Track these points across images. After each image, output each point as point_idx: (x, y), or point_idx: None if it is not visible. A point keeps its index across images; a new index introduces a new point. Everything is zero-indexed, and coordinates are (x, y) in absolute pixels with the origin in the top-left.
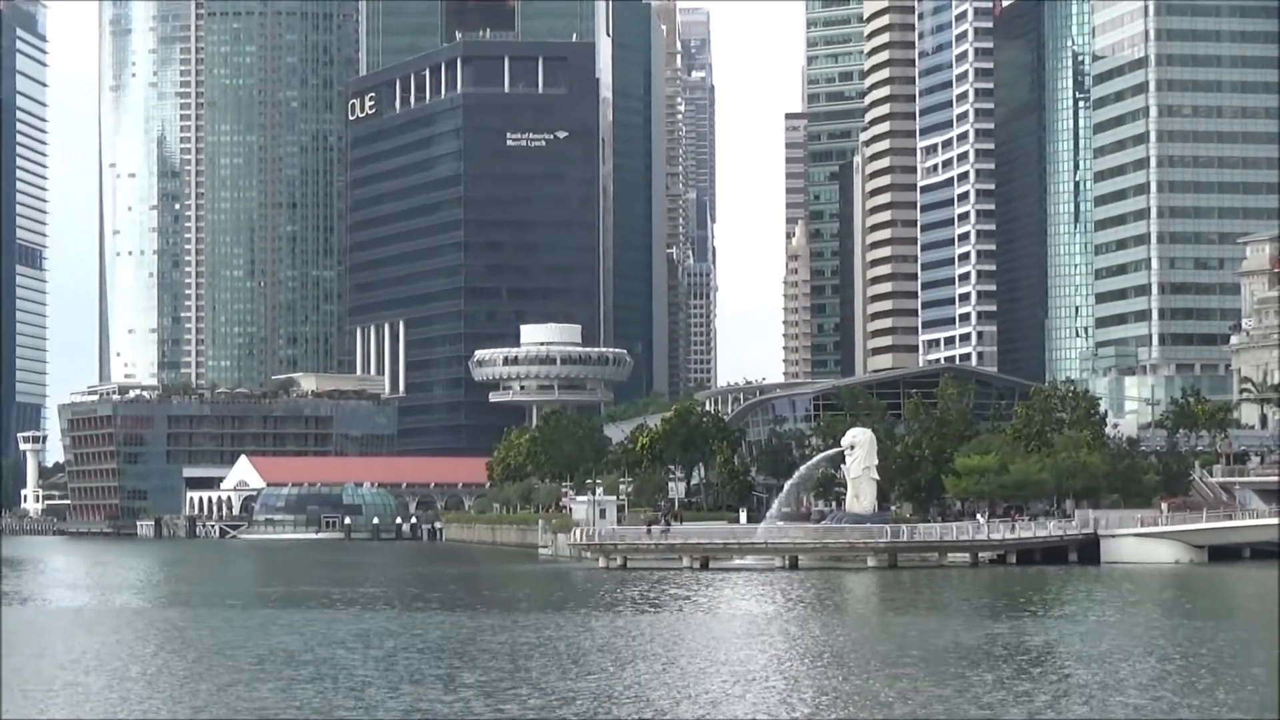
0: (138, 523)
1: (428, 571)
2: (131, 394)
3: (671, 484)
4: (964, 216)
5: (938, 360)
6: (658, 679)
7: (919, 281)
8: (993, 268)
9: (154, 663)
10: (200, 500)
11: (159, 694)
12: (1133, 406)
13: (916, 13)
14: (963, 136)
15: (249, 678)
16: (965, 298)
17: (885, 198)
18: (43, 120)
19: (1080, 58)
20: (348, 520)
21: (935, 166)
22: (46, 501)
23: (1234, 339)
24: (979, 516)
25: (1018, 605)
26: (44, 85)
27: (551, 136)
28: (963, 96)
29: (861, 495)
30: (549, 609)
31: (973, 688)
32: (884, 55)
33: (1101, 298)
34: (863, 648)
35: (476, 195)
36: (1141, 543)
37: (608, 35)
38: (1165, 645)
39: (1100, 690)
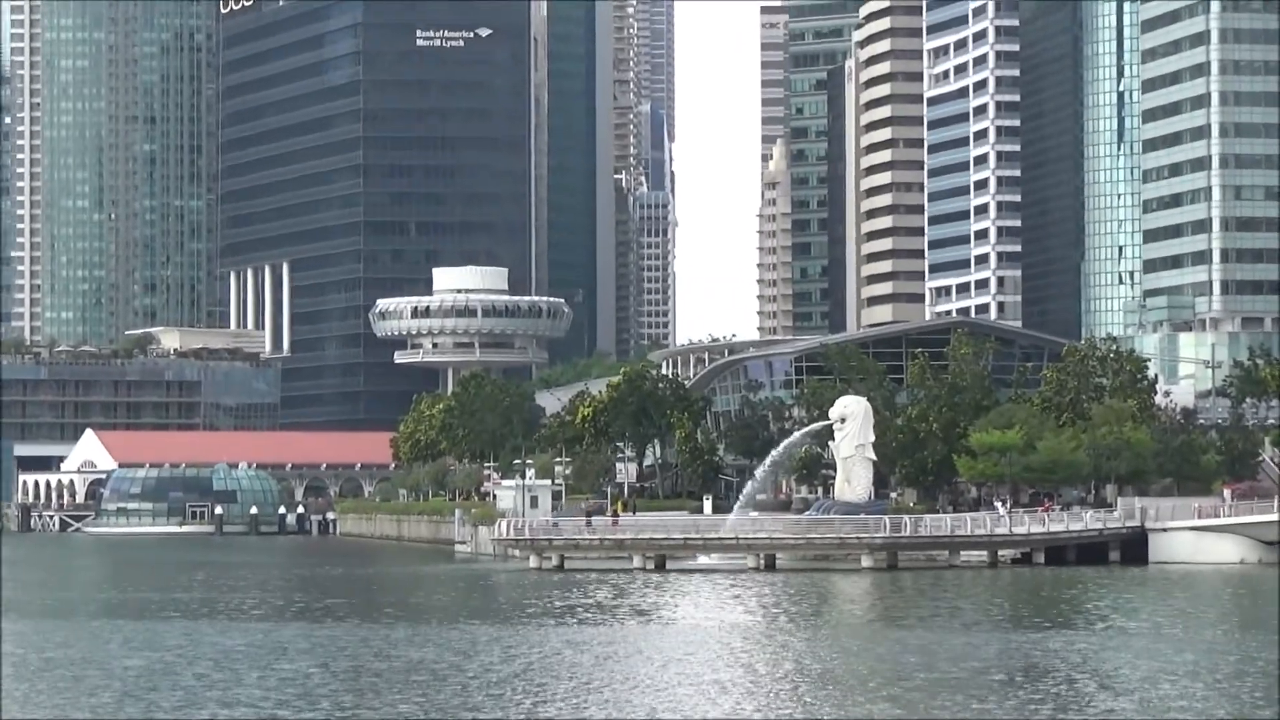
0: None
1: (318, 573)
2: None
3: (620, 465)
4: (981, 135)
5: (949, 313)
6: (599, 707)
7: (925, 215)
8: (1017, 198)
9: None
10: (36, 485)
11: None
12: (1189, 370)
13: None
14: (980, 35)
15: (100, 703)
16: (983, 235)
17: (884, 111)
18: None
19: None
20: (219, 510)
21: (946, 73)
22: None
23: None
24: (999, 506)
25: (1047, 615)
26: None
27: (471, 35)
28: None
29: (854, 479)
30: (466, 620)
31: (993, 717)
32: None
33: (1151, 236)
34: (857, 667)
35: (379, 107)
36: (1199, 538)
37: None
38: (1230, 664)
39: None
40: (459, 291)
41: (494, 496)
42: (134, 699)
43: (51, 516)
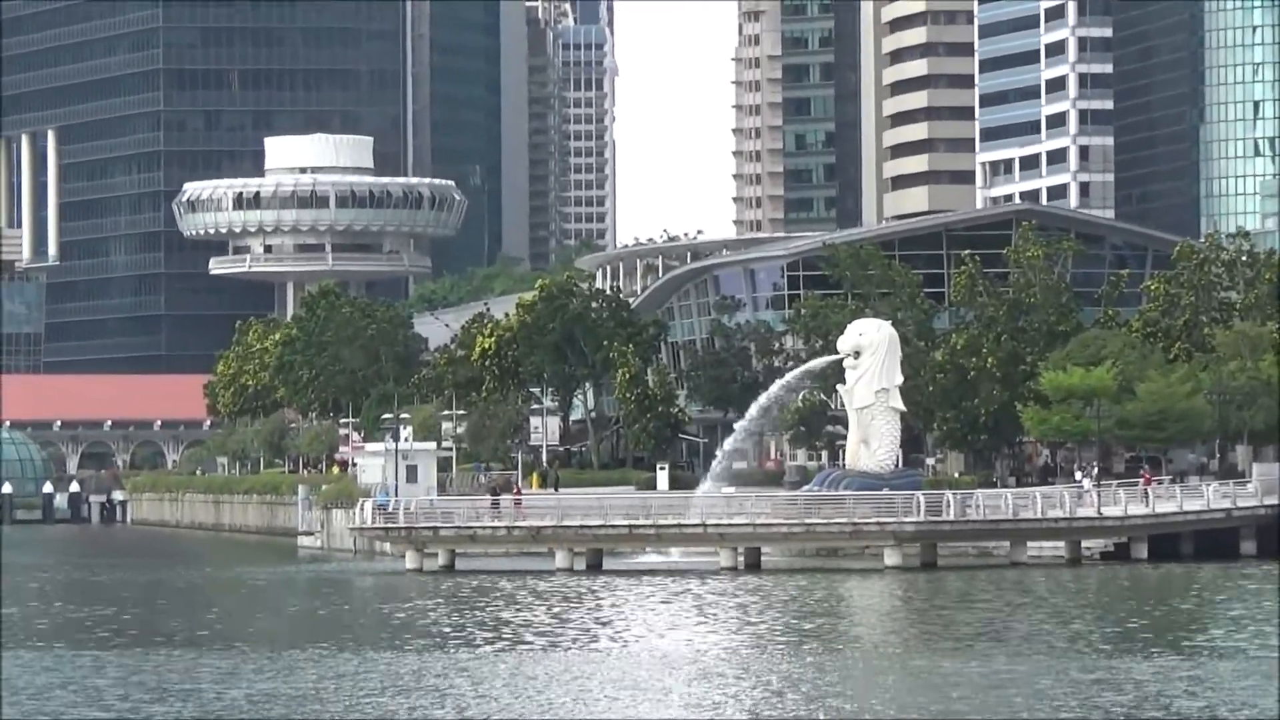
0: None
1: (101, 579)
2: None
3: (535, 420)
4: None
5: (1009, 198)
6: None
7: (975, 60)
8: (1107, 33)
9: None
10: None
11: None
12: None
13: None
14: None
15: None
16: (1056, 88)
17: None
18: None
19: None
20: None
21: None
22: None
23: None
24: (1082, 477)
25: (1159, 633)
26: None
27: None
28: None
29: (874, 439)
30: (310, 646)
31: None
32: None
33: None
34: (888, 712)
35: None
36: None
37: None
38: None
39: None
40: (302, 171)
41: (354, 466)
42: None
43: None
